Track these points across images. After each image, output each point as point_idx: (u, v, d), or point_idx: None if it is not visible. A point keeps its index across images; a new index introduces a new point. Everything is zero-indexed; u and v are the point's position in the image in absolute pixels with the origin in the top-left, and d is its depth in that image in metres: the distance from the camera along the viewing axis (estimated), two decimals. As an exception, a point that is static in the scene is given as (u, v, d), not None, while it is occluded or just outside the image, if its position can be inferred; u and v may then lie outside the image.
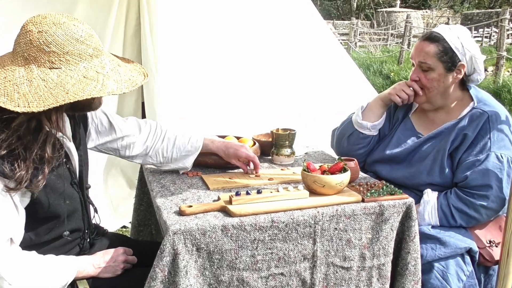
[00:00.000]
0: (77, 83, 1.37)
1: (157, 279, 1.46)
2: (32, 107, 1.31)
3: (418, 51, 2.06)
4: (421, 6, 34.11)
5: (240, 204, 1.61)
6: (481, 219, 1.96)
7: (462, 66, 2.02)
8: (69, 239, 1.59)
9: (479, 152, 1.96)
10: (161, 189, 1.80)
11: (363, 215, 1.68)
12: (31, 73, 1.35)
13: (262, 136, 2.34)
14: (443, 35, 2.01)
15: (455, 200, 1.96)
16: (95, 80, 1.40)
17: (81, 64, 1.39)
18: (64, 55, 1.37)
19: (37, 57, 1.36)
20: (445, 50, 2.00)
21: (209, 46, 3.32)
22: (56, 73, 1.36)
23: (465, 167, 1.97)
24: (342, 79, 3.88)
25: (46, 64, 1.36)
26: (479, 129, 1.98)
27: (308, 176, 1.73)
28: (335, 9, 38.41)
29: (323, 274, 1.67)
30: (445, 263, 1.87)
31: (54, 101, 1.33)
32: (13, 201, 1.39)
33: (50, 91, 1.34)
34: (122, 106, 3.50)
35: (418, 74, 2.07)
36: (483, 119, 1.99)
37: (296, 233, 1.60)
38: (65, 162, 1.58)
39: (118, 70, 1.48)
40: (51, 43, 1.35)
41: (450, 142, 2.02)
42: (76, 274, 1.54)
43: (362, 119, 2.20)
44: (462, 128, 2.02)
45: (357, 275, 1.71)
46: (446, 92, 2.07)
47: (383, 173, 2.11)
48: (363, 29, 20.57)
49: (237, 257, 1.54)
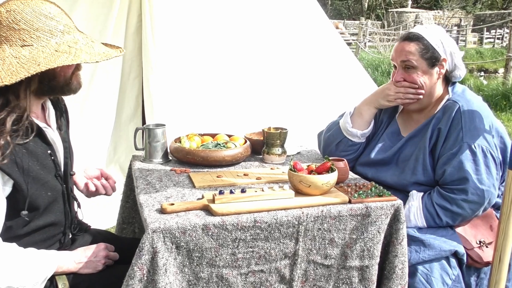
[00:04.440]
0: (49, 56, 1.40)
1: (135, 277, 1.44)
2: (5, 81, 1.35)
3: (399, 51, 2.03)
4: (432, 6, 33.83)
5: (222, 203, 1.58)
6: (466, 214, 1.91)
7: (444, 60, 2.01)
8: (26, 220, 1.53)
9: (452, 145, 1.92)
10: (146, 186, 1.79)
11: (349, 217, 1.65)
12: (3, 53, 1.39)
13: (255, 134, 2.31)
14: (421, 33, 2.01)
15: (437, 198, 1.92)
16: (67, 52, 1.43)
17: (52, 40, 1.43)
18: (34, 32, 1.41)
19: (8, 36, 1.40)
20: (426, 48, 1.99)
21: (208, 44, 3.31)
22: (28, 50, 1.40)
23: (441, 163, 1.94)
24: (345, 79, 3.84)
25: (18, 42, 1.40)
26: (451, 121, 1.95)
27: (294, 175, 1.70)
28: (346, 9, 38.25)
29: (303, 270, 1.66)
30: (429, 266, 1.83)
31: (26, 72, 1.36)
32: None
33: (22, 65, 1.37)
34: (122, 102, 3.51)
35: (402, 74, 2.04)
36: (454, 110, 1.96)
37: (279, 233, 1.58)
38: (49, 154, 1.57)
39: (92, 46, 1.51)
40: (20, 21, 1.39)
41: (428, 139, 1.99)
42: (56, 269, 1.53)
43: (352, 127, 2.16)
44: (436, 123, 1.99)
45: (336, 273, 1.69)
46: (432, 90, 2.04)
47: (368, 176, 2.07)
48: (373, 29, 20.44)
49: (217, 255, 1.52)
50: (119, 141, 3.59)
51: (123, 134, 3.57)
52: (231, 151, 2.03)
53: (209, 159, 1.99)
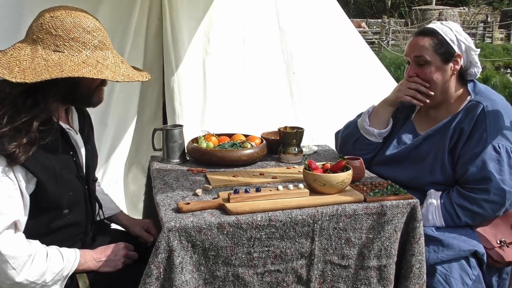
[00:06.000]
0: (75, 65, 1.46)
1: (152, 275, 1.46)
2: (28, 79, 1.40)
3: (413, 46, 2.02)
4: (458, 3, 33.19)
5: (237, 202, 1.60)
6: (486, 214, 1.88)
7: (459, 56, 1.98)
8: (70, 217, 1.62)
9: (475, 145, 1.89)
10: (163, 186, 1.82)
11: (365, 215, 1.65)
12: (35, 53, 1.45)
13: (271, 134, 2.32)
14: (436, 29, 1.99)
15: (457, 198, 1.89)
16: (93, 66, 1.48)
17: (84, 52, 1.49)
18: (69, 40, 1.47)
19: (44, 39, 1.46)
20: (440, 43, 1.97)
21: (226, 45, 3.33)
22: (58, 55, 1.46)
23: (463, 162, 1.91)
24: (365, 78, 3.81)
25: (51, 46, 1.46)
26: (474, 121, 1.92)
27: (308, 174, 1.70)
28: (368, 7, 37.86)
29: (320, 271, 1.65)
30: (448, 266, 1.80)
31: (48, 75, 1.41)
32: (18, 186, 1.43)
33: (47, 68, 1.42)
34: (143, 104, 3.55)
35: (414, 70, 2.03)
36: (478, 110, 1.92)
37: (294, 231, 1.58)
38: (71, 155, 1.62)
39: (119, 65, 1.56)
40: (58, 27, 1.46)
41: (449, 139, 1.96)
42: (77, 267, 1.57)
43: (369, 125, 2.15)
44: (458, 122, 1.96)
45: (354, 273, 1.68)
46: (446, 85, 2.01)
47: (384, 175, 2.05)
48: (396, 27, 20.17)
49: (233, 253, 1.54)
50: (141, 143, 3.64)
51: (145, 136, 3.61)
52: (247, 151, 2.05)
53: (225, 159, 2.01)
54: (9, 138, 1.40)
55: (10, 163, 1.39)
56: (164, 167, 2.05)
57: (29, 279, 1.44)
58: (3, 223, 1.39)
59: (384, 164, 2.12)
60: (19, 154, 1.39)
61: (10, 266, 1.40)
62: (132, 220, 1.96)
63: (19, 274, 1.42)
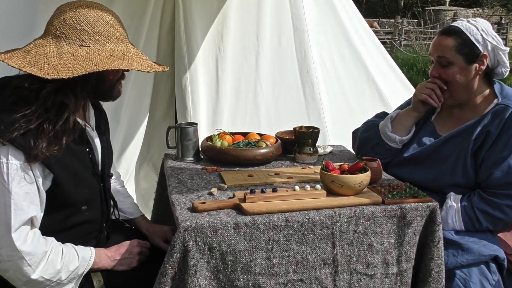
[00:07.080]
0: (105, 58, 1.45)
1: (167, 275, 1.45)
2: (62, 75, 1.38)
3: (436, 46, 1.97)
4: (472, 4, 32.87)
5: (254, 202, 1.57)
6: (509, 220, 1.83)
7: (485, 56, 1.92)
8: (86, 214, 1.61)
9: (502, 149, 1.84)
10: (178, 184, 1.80)
11: (384, 218, 1.61)
12: (61, 49, 1.44)
13: (286, 133, 2.29)
14: (461, 27, 1.93)
15: (478, 202, 1.85)
16: (121, 58, 1.48)
17: (108, 45, 1.48)
18: (94, 34, 1.46)
19: (68, 34, 1.45)
20: (464, 43, 1.91)
21: (240, 43, 3.31)
22: (85, 50, 1.45)
23: (487, 166, 1.86)
24: (378, 77, 3.77)
25: (76, 41, 1.45)
26: (502, 124, 1.86)
27: (326, 175, 1.67)
28: (381, 7, 37.64)
29: (347, 282, 1.60)
30: (467, 271, 1.76)
31: (82, 70, 1.40)
32: (35, 181, 1.42)
33: (79, 63, 1.42)
34: (155, 102, 3.55)
35: (437, 70, 1.98)
36: (506, 114, 1.87)
37: (313, 234, 1.55)
38: (87, 151, 1.61)
39: (141, 57, 1.57)
40: (83, 22, 1.45)
41: (473, 141, 1.90)
42: (92, 265, 1.56)
43: (391, 131, 2.10)
44: (485, 125, 1.90)
45: (381, 283, 1.63)
46: (470, 85, 1.96)
47: (402, 176, 2.00)
48: (408, 27, 20.01)
49: (252, 259, 1.50)
50: (152, 140, 3.63)
51: (156, 133, 3.61)
52: (262, 150, 2.02)
53: (240, 158, 1.99)
54: (34, 136, 1.39)
55: (29, 160, 1.38)
56: (178, 165, 2.03)
57: (45, 277, 1.43)
58: (20, 219, 1.38)
59: (402, 165, 2.07)
60: (40, 153, 1.38)
61: (26, 263, 1.39)
62: (151, 229, 1.91)
63: (34, 271, 1.41)
